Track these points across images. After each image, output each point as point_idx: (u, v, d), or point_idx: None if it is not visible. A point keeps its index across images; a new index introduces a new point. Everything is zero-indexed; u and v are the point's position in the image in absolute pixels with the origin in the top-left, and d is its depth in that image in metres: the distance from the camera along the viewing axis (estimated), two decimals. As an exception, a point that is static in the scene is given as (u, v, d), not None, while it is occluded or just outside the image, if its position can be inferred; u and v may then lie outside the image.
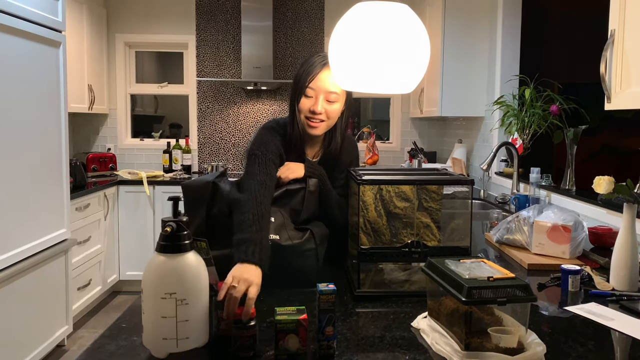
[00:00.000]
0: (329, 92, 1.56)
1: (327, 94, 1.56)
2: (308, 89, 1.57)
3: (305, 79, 1.57)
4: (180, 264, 1.00)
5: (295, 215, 1.52)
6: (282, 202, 1.53)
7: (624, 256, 1.46)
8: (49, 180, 2.90)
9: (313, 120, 1.58)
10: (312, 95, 1.57)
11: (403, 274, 1.52)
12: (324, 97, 1.57)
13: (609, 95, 1.60)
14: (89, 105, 4.30)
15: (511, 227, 1.91)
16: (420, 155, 4.26)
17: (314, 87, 1.56)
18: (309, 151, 1.68)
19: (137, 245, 4.22)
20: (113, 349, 1.06)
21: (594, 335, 1.16)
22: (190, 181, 1.51)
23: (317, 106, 1.56)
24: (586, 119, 2.80)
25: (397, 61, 1.26)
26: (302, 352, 1.00)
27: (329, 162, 1.68)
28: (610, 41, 1.59)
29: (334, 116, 1.61)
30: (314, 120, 1.58)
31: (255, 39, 4.39)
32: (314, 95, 1.57)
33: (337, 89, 1.57)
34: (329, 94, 1.56)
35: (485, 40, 3.79)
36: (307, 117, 1.59)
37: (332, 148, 1.66)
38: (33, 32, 2.68)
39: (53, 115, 2.93)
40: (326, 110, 1.57)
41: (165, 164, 4.66)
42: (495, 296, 0.99)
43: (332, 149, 1.66)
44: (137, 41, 4.82)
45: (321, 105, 1.56)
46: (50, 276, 2.95)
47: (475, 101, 3.84)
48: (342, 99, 1.61)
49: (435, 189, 1.47)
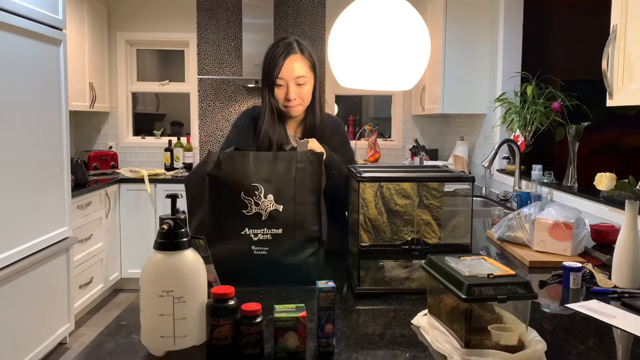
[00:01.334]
0: (297, 77, 1.68)
1: (296, 80, 1.69)
2: (277, 79, 1.69)
3: (272, 73, 1.69)
4: (178, 262, 0.99)
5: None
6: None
7: (625, 253, 1.45)
8: (50, 178, 2.90)
9: (290, 106, 1.71)
10: (282, 84, 1.69)
11: (403, 272, 1.51)
12: (294, 83, 1.69)
13: (611, 91, 1.58)
14: (90, 104, 4.30)
15: (512, 225, 1.90)
16: (421, 152, 4.26)
17: (282, 77, 1.68)
18: (290, 128, 1.81)
19: (138, 243, 4.23)
20: (112, 347, 1.05)
21: (595, 333, 1.15)
22: (189, 175, 1.50)
23: (290, 94, 1.69)
24: (588, 116, 2.79)
25: (397, 58, 1.25)
26: (301, 350, 1.00)
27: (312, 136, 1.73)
28: (612, 37, 1.57)
29: (307, 97, 1.74)
30: (291, 107, 1.72)
31: (256, 36, 4.38)
32: (284, 84, 1.69)
33: (303, 72, 1.69)
34: (297, 79, 1.69)
35: (486, 37, 3.77)
36: (284, 104, 1.72)
37: (310, 122, 1.78)
38: (33, 30, 2.67)
39: (54, 113, 2.93)
40: (299, 94, 1.70)
41: (167, 162, 4.66)
42: (495, 293, 0.99)
43: (311, 122, 1.78)
44: (138, 39, 4.81)
45: (293, 92, 1.69)
46: (51, 274, 2.95)
47: (477, 98, 3.82)
48: (311, 78, 1.73)
49: (436, 186, 1.47)
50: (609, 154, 4.47)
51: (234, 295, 1.00)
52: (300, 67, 1.69)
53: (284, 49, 1.69)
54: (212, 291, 0.99)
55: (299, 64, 1.69)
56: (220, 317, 0.98)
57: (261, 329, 0.99)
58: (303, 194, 1.44)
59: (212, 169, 1.42)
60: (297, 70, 1.68)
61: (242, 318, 0.99)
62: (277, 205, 1.41)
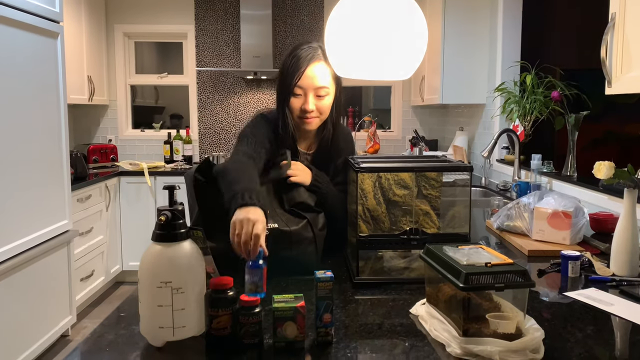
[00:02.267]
0: (318, 87, 1.51)
1: (316, 90, 1.52)
2: (296, 87, 1.51)
3: (291, 78, 1.51)
4: (176, 253, 0.99)
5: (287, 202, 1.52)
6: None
7: (624, 241, 1.45)
8: (49, 171, 2.90)
9: (306, 118, 1.55)
10: (300, 93, 1.52)
11: (402, 262, 1.52)
12: (313, 94, 1.52)
13: (610, 79, 1.58)
14: (89, 97, 4.29)
15: (511, 214, 1.90)
16: (421, 143, 4.25)
17: (302, 86, 1.51)
18: (302, 144, 1.67)
19: (139, 236, 4.24)
20: (112, 338, 1.06)
21: (593, 321, 1.16)
22: (190, 170, 1.51)
23: (307, 105, 1.52)
24: (588, 105, 2.78)
25: (395, 47, 1.24)
26: (300, 340, 1.00)
27: (325, 155, 1.65)
28: (611, 25, 1.57)
29: (327, 110, 1.57)
30: (307, 117, 1.54)
31: (254, 28, 4.36)
32: (303, 93, 1.52)
33: (326, 83, 1.52)
34: (318, 90, 1.52)
35: (486, 27, 3.75)
36: (299, 116, 1.55)
37: (324, 137, 1.63)
38: (30, 23, 2.66)
39: (52, 106, 2.92)
40: (317, 107, 1.53)
41: (166, 154, 4.66)
42: (493, 282, 0.99)
43: (325, 137, 1.63)
44: (136, 31, 4.79)
45: (312, 103, 1.52)
46: (53, 267, 2.96)
47: (476, 88, 3.81)
48: (333, 91, 1.56)
49: (435, 176, 1.47)
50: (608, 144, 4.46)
51: (233, 286, 1.00)
52: (323, 76, 1.51)
53: (308, 52, 1.51)
54: (211, 282, 1.00)
55: (323, 73, 1.51)
56: (219, 307, 0.98)
57: (260, 319, 1.00)
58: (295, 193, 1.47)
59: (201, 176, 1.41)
60: (320, 79, 1.51)
61: (240, 308, 0.99)
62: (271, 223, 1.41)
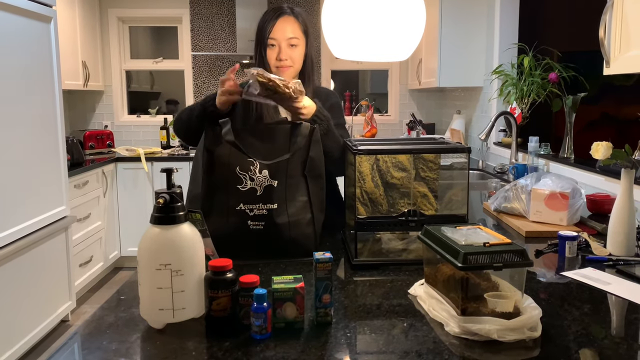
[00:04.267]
0: (289, 37, 1.69)
1: (288, 40, 1.69)
2: (269, 39, 1.69)
3: (264, 32, 1.70)
4: (175, 235, 0.99)
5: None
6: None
7: (621, 221, 1.46)
8: (46, 158, 2.89)
9: (281, 68, 1.71)
10: (274, 44, 1.70)
11: (400, 244, 1.53)
12: (286, 44, 1.69)
13: (608, 59, 1.57)
14: (84, 82, 4.26)
15: (509, 196, 1.91)
16: (418, 127, 4.24)
17: (274, 37, 1.69)
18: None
19: (137, 221, 4.24)
20: (112, 321, 1.06)
21: (590, 299, 1.17)
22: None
23: (282, 54, 1.69)
24: (585, 87, 2.78)
25: (392, 27, 1.23)
26: (299, 320, 1.01)
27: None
28: (610, 4, 1.55)
29: (299, 60, 1.73)
30: (282, 67, 1.71)
31: (249, 11, 4.32)
32: (277, 44, 1.69)
33: (296, 33, 1.70)
34: (289, 40, 1.69)
35: (483, 8, 3.73)
36: (275, 65, 1.71)
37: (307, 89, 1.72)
38: (22, 6, 2.63)
39: (47, 92, 2.90)
40: (290, 56, 1.71)
41: (163, 140, 4.64)
42: (491, 262, 0.99)
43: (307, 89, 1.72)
44: (131, 16, 4.74)
45: (285, 52, 1.69)
46: (51, 253, 2.97)
47: (473, 71, 3.80)
48: (303, 41, 1.73)
49: (432, 157, 1.47)
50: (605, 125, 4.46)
51: (232, 268, 1.01)
52: (292, 28, 1.70)
53: (274, 12, 1.72)
54: (210, 264, 1.00)
55: (291, 26, 1.70)
56: (219, 289, 0.98)
57: None
58: (294, 167, 1.44)
59: (210, 144, 1.42)
60: (289, 31, 1.69)
61: (240, 290, 1.00)
62: (272, 180, 1.41)
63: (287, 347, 0.94)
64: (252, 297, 0.98)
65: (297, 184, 1.44)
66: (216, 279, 0.99)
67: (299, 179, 1.44)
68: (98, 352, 0.94)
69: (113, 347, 0.95)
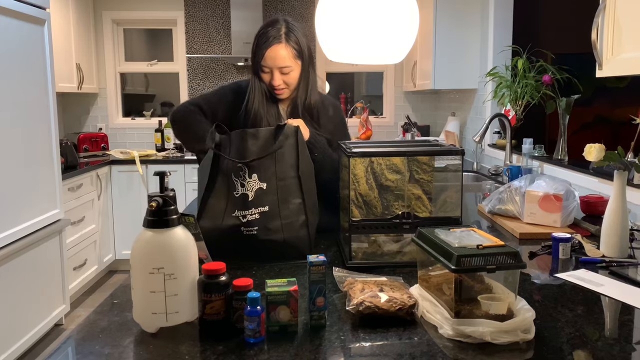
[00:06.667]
0: (280, 67, 1.66)
1: (280, 69, 1.66)
2: (262, 66, 1.67)
3: (257, 57, 1.68)
4: (168, 239, 0.99)
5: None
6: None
7: (614, 223, 1.47)
8: (39, 161, 2.88)
9: (276, 91, 1.70)
10: (267, 71, 1.68)
11: (395, 246, 1.52)
12: (278, 72, 1.67)
13: (600, 62, 1.58)
14: (78, 85, 4.24)
15: (503, 198, 1.91)
16: (413, 129, 4.25)
17: (265, 65, 1.67)
18: (281, 106, 1.78)
19: (131, 224, 4.22)
20: (105, 325, 1.06)
21: (583, 301, 1.17)
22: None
23: (274, 81, 1.67)
24: (579, 89, 2.79)
25: (385, 30, 1.24)
26: (293, 323, 1.01)
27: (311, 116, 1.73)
28: (602, 6, 1.56)
29: (294, 82, 1.70)
30: (277, 91, 1.70)
31: (244, 14, 4.32)
32: (269, 71, 1.68)
33: (287, 62, 1.66)
34: (281, 69, 1.66)
35: (477, 11, 3.74)
36: (270, 89, 1.71)
37: (302, 99, 1.73)
38: (15, 9, 2.62)
39: (41, 94, 2.89)
40: (284, 81, 1.68)
41: (158, 142, 4.63)
42: (484, 264, 1.00)
43: (302, 100, 1.73)
44: (125, 18, 4.73)
45: (278, 79, 1.67)
46: (45, 256, 2.95)
47: (468, 73, 3.81)
48: (298, 66, 1.69)
49: (427, 160, 1.47)
50: (599, 128, 4.48)
51: (225, 271, 1.01)
52: (283, 57, 1.65)
53: (266, 38, 1.65)
54: (204, 267, 1.00)
55: (282, 55, 1.65)
56: (212, 292, 0.98)
57: None
58: (283, 169, 1.44)
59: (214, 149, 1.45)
60: (280, 60, 1.65)
61: (233, 293, 0.99)
62: (262, 183, 1.41)
63: (281, 350, 0.94)
64: (246, 300, 0.97)
65: (288, 187, 1.44)
66: (209, 283, 0.99)
67: (291, 181, 1.45)
68: (91, 357, 0.93)
69: (106, 351, 0.95)
